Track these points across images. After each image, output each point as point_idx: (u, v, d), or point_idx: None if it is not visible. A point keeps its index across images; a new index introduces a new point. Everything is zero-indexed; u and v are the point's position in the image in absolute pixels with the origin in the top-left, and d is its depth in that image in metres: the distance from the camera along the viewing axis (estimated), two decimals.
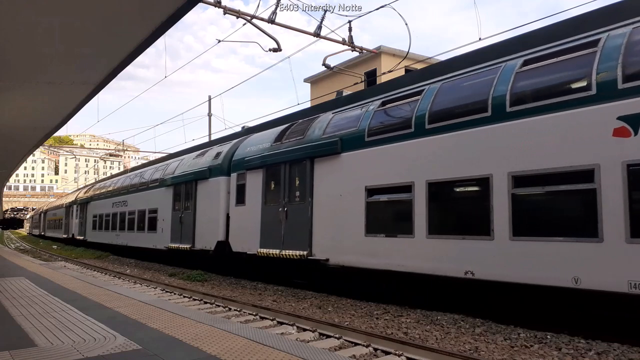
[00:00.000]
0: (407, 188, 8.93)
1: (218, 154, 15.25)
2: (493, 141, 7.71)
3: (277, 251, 11.77)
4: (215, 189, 14.71)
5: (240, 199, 13.60)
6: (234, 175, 14.05)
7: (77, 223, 32.83)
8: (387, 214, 9.43)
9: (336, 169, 10.61)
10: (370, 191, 9.73)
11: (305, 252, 10.98)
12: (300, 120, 12.98)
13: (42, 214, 55.78)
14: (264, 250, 12.22)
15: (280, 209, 11.93)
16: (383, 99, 10.31)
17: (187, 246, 15.75)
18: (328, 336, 7.35)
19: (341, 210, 10.31)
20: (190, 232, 15.79)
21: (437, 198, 8.52)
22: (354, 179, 10.10)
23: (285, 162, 11.97)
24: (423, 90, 9.37)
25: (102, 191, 27.96)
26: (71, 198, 37.11)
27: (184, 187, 16.57)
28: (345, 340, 7.03)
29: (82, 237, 31.01)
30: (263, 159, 12.80)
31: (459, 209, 8.37)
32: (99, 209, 27.72)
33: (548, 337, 6.70)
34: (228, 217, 14.15)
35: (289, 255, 11.41)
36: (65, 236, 36.57)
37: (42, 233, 53.16)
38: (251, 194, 13.13)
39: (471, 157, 7.99)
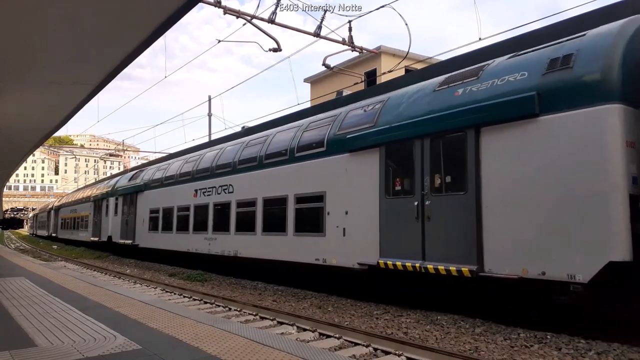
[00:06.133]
0: None
1: (564, 59, 7.02)
2: None
3: None
4: (573, 137, 6.64)
5: None
6: None
7: (117, 222, 24.18)
8: None
9: None
10: None
11: None
12: None
13: (52, 211, 46.83)
14: None
15: None
16: None
17: (470, 267, 7.56)
18: (328, 336, 7.35)
19: None
20: (467, 235, 7.76)
21: None
22: None
23: None
24: None
25: (169, 174, 19.25)
26: (102, 189, 28.06)
27: (420, 147, 8.74)
28: (345, 340, 7.04)
29: (129, 242, 21.99)
30: None
31: None
32: (164, 200, 19.00)
33: (548, 337, 6.71)
34: (632, 201, 6.27)
35: None
36: (94, 239, 27.92)
37: (53, 234, 44.37)
38: None
39: None
